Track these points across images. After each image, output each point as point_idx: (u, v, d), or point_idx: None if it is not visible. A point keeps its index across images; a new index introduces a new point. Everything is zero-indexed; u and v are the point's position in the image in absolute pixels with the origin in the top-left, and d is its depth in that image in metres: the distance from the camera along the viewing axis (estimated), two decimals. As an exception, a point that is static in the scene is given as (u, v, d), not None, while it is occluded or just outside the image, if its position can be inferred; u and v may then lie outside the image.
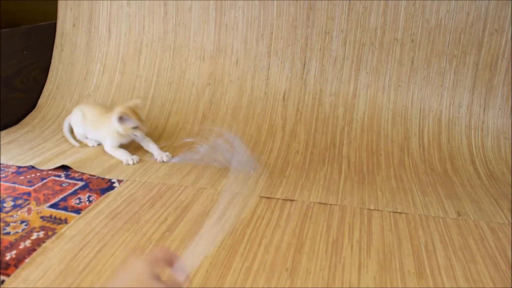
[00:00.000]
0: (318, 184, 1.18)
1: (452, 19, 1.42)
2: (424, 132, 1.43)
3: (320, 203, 1.08)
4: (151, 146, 1.35)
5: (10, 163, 1.28)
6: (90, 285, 0.78)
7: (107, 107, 1.42)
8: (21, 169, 1.25)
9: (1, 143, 1.44)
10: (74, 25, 1.75)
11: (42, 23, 1.76)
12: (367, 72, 1.51)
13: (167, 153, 1.33)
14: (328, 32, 1.52)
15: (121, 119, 1.27)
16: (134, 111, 1.29)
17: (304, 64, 1.56)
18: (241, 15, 1.59)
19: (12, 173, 1.23)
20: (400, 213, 1.04)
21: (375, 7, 1.47)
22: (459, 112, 1.44)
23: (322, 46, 1.53)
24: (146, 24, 1.69)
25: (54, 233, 0.94)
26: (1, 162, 1.29)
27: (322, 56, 1.54)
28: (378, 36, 1.48)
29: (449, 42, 1.44)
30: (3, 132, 1.53)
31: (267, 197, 1.10)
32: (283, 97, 1.55)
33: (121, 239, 0.92)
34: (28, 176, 1.21)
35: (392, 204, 1.08)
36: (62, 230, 0.95)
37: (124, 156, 1.30)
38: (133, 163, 1.29)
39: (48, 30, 1.77)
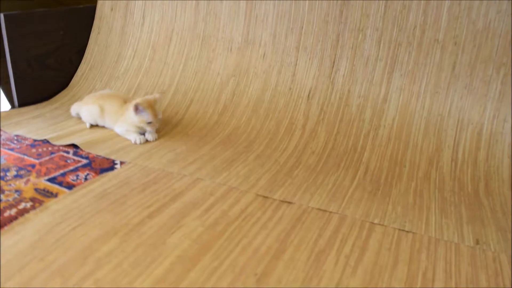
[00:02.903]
0: (325, 188, 1.10)
1: (503, 22, 1.26)
2: (460, 146, 1.28)
3: (319, 209, 0.99)
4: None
5: (28, 135, 1.33)
6: (54, 259, 0.76)
7: (124, 98, 1.42)
8: (36, 142, 1.29)
9: (29, 116, 1.50)
10: (112, 9, 1.79)
11: (81, 6, 1.81)
12: (401, 75, 1.38)
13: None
14: (362, 30, 1.41)
15: (137, 109, 1.27)
16: (152, 106, 1.29)
17: (334, 62, 1.46)
18: (272, 8, 1.53)
19: (27, 145, 1.27)
20: (407, 231, 0.93)
21: (415, 5, 1.33)
22: (503, 128, 1.27)
23: (354, 44, 1.43)
24: (178, 13, 1.68)
25: (40, 206, 0.94)
26: (21, 134, 1.34)
27: (353, 54, 1.43)
28: (417, 36, 1.35)
29: (497, 48, 1.27)
30: (33, 106, 1.60)
31: (264, 196, 1.04)
32: (308, 95, 1.47)
33: (100, 219, 0.90)
34: (40, 150, 1.24)
35: (400, 220, 0.97)
36: (49, 204, 0.95)
37: (132, 136, 1.33)
38: (140, 143, 1.31)
39: (86, 13, 1.82)
